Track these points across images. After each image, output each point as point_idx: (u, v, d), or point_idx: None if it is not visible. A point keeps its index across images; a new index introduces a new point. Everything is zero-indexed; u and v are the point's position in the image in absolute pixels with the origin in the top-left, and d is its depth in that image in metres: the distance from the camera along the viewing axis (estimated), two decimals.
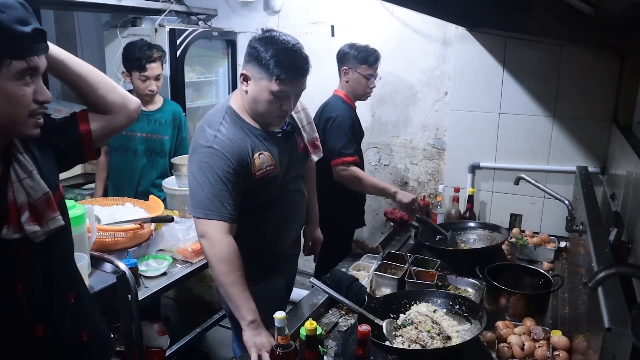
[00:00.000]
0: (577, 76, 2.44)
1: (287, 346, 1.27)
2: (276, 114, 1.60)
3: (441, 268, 1.93)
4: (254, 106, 1.60)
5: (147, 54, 2.55)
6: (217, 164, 1.53)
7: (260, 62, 1.51)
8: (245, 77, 1.58)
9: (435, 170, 3.00)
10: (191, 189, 1.58)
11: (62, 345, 1.18)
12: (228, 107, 1.65)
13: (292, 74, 1.52)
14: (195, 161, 1.57)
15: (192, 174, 1.57)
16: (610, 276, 0.87)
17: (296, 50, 1.54)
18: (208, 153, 1.54)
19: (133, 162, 2.72)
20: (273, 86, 1.52)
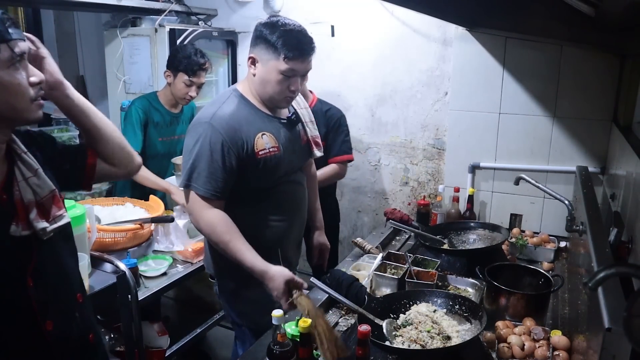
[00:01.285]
0: (577, 76, 2.44)
1: (284, 344, 1.27)
2: (284, 95, 1.66)
3: (441, 268, 1.93)
4: (262, 88, 1.65)
5: (202, 61, 2.59)
6: (210, 138, 1.57)
7: (268, 43, 1.58)
8: (253, 60, 1.64)
9: (435, 170, 3.00)
10: (184, 160, 1.63)
11: (71, 344, 1.19)
12: (234, 89, 1.71)
13: (299, 52, 1.58)
14: (192, 135, 1.62)
15: (186, 147, 1.62)
16: (610, 276, 0.87)
17: (301, 31, 1.62)
18: (204, 127, 1.59)
19: (161, 164, 2.71)
20: (281, 65, 1.58)
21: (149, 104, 2.64)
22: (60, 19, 3.97)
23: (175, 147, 2.77)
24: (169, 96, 2.67)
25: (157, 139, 2.66)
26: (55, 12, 3.94)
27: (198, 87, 2.65)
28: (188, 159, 1.60)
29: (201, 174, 1.57)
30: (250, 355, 1.49)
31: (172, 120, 2.71)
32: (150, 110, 2.63)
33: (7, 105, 1.00)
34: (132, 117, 2.59)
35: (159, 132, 2.67)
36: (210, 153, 1.57)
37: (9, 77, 0.99)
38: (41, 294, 1.10)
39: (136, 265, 1.93)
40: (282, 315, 1.27)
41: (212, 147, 1.57)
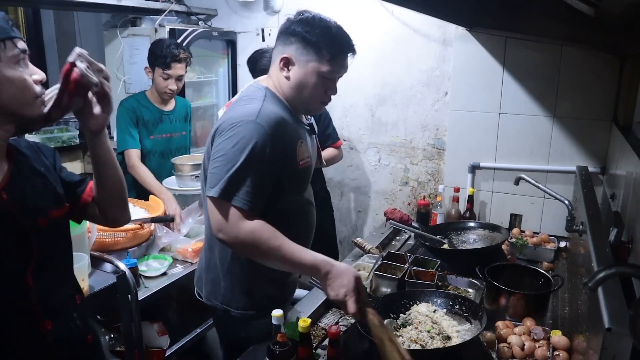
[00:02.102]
0: (577, 76, 2.44)
1: (284, 344, 1.27)
2: (320, 100, 1.48)
3: (441, 268, 1.93)
4: (297, 92, 1.45)
5: (174, 52, 2.57)
6: (258, 141, 1.31)
7: (308, 42, 1.39)
8: (287, 62, 1.42)
9: (435, 170, 3.00)
10: (217, 167, 1.32)
11: (70, 345, 1.19)
12: (265, 88, 1.46)
13: (343, 52, 1.43)
14: (228, 135, 1.33)
15: (221, 150, 1.33)
16: (610, 276, 0.87)
17: (340, 28, 1.47)
18: (249, 128, 1.31)
19: (161, 164, 2.72)
20: (324, 67, 1.40)
21: (136, 102, 2.65)
22: (60, 19, 3.98)
23: (169, 145, 2.76)
24: (156, 93, 2.69)
25: (148, 137, 2.66)
26: (55, 12, 3.94)
27: (177, 80, 2.63)
28: (226, 166, 1.31)
29: (246, 185, 1.30)
30: (250, 355, 1.49)
31: (162, 117, 2.71)
32: (139, 108, 2.64)
33: (13, 100, 1.01)
34: (123, 118, 2.59)
35: (148, 130, 2.67)
36: (257, 160, 1.31)
37: (16, 72, 1.01)
38: (41, 293, 1.11)
39: (136, 265, 1.93)
40: (282, 316, 1.27)
41: (259, 153, 1.31)
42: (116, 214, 1.30)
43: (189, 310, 2.97)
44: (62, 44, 4.01)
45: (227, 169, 1.30)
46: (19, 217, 1.06)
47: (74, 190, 1.24)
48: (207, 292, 1.57)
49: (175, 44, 2.65)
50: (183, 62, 2.62)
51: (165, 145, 2.76)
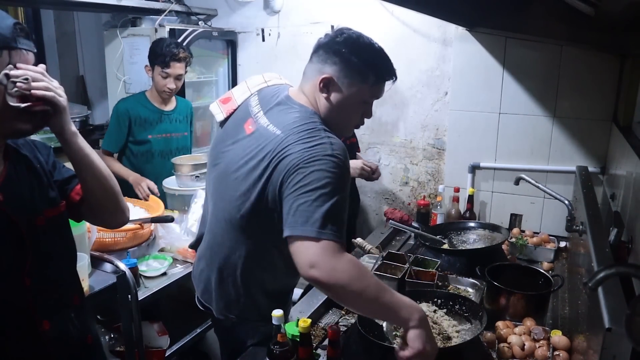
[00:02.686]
0: (577, 76, 2.44)
1: (284, 344, 1.27)
2: (354, 124, 1.45)
3: (441, 268, 1.93)
4: (335, 115, 1.38)
5: (173, 52, 2.58)
6: (340, 175, 1.25)
7: (354, 66, 1.34)
8: (328, 83, 1.35)
9: (435, 170, 3.00)
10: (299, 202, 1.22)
11: (69, 345, 1.19)
12: (314, 113, 1.38)
13: (388, 77, 1.41)
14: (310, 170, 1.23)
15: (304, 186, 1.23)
16: (610, 276, 0.87)
17: (382, 50, 1.42)
18: (331, 161, 1.24)
19: (161, 164, 2.73)
20: (367, 92, 1.37)
21: (135, 102, 2.67)
22: (60, 19, 3.98)
23: (169, 145, 2.77)
24: (155, 93, 2.70)
25: (147, 136, 2.68)
26: (55, 12, 3.94)
27: (176, 79, 2.64)
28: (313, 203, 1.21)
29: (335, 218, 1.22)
30: (250, 355, 1.49)
31: (162, 117, 2.72)
32: (137, 108, 2.65)
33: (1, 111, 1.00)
34: (115, 117, 2.65)
35: (147, 129, 2.68)
36: (342, 193, 1.25)
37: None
38: (38, 293, 1.11)
39: (136, 265, 1.93)
40: (282, 316, 1.27)
41: (342, 184, 1.26)
42: (104, 217, 1.28)
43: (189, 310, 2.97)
44: (62, 44, 4.01)
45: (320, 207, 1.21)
46: (15, 217, 1.06)
47: (64, 188, 1.23)
48: (219, 307, 1.53)
49: (176, 43, 2.66)
50: (182, 61, 2.62)
51: (165, 145, 2.76)
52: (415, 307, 1.23)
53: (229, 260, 1.47)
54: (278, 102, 1.42)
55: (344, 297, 1.24)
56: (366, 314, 1.32)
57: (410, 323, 1.20)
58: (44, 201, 1.14)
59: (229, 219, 1.41)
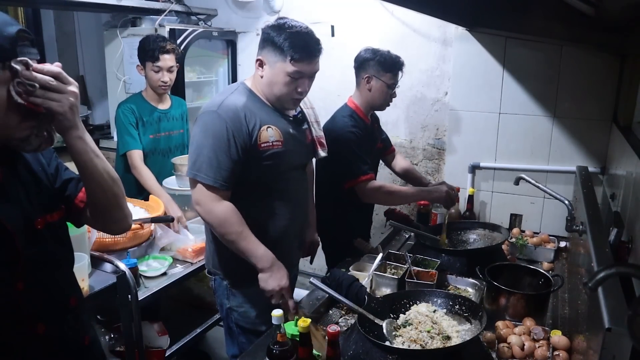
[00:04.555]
0: (577, 76, 2.44)
1: (284, 344, 1.27)
2: (292, 97, 1.67)
3: (441, 268, 1.93)
4: (269, 89, 1.66)
5: (161, 45, 2.60)
6: (217, 128, 1.58)
7: (275, 45, 1.59)
8: (260, 63, 1.65)
9: (435, 170, 3.00)
10: (191, 151, 1.63)
11: (65, 347, 1.19)
12: (242, 83, 1.73)
13: (305, 54, 1.60)
14: (198, 124, 1.63)
15: (194, 137, 1.63)
16: (610, 276, 0.87)
17: (308, 33, 1.63)
18: (211, 116, 1.60)
19: (164, 163, 2.73)
20: (288, 67, 1.59)
21: (135, 103, 2.67)
22: (60, 19, 3.98)
23: (169, 144, 2.78)
24: (151, 91, 2.71)
25: (148, 137, 2.68)
26: (55, 12, 3.94)
27: (169, 72, 2.65)
28: (194, 149, 1.61)
29: (207, 162, 1.57)
30: (250, 355, 1.49)
31: (160, 116, 2.73)
32: (138, 109, 2.66)
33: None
34: (123, 121, 2.61)
35: (148, 129, 2.69)
36: (216, 142, 1.57)
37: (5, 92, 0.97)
38: (32, 297, 1.09)
39: (136, 265, 1.93)
40: (282, 315, 1.27)
41: (218, 136, 1.57)
42: (106, 223, 1.25)
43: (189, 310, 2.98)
44: (62, 44, 4.01)
45: (193, 151, 1.61)
46: (5, 221, 1.04)
47: (67, 193, 1.21)
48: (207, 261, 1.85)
49: (162, 37, 2.68)
50: (171, 52, 2.64)
51: (166, 143, 2.77)
52: (265, 257, 1.62)
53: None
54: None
55: (215, 233, 1.66)
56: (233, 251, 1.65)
57: (257, 267, 1.63)
58: (43, 205, 1.13)
59: None
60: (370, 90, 2.22)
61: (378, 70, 2.19)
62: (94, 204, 1.19)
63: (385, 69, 2.19)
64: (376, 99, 2.24)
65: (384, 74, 2.19)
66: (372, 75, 2.20)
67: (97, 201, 1.18)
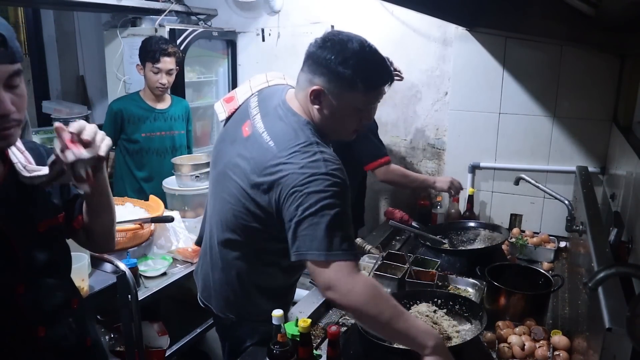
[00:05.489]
0: (577, 76, 2.44)
1: (284, 344, 1.27)
2: (353, 129, 1.40)
3: (441, 268, 1.93)
4: (331, 124, 1.35)
5: (162, 47, 2.62)
6: (338, 190, 1.22)
7: (341, 75, 1.27)
8: (318, 94, 1.30)
9: (435, 170, 3.00)
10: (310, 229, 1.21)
11: (66, 350, 1.18)
12: (307, 122, 1.34)
13: (382, 82, 1.33)
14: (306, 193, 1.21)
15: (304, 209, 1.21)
16: (610, 276, 0.87)
17: (374, 52, 1.32)
18: (326, 182, 1.21)
19: (159, 162, 2.74)
20: (359, 98, 1.30)
21: (128, 101, 2.69)
22: (60, 19, 3.98)
23: (164, 143, 2.79)
24: (149, 91, 2.73)
25: (139, 134, 2.69)
26: (55, 12, 3.94)
27: (167, 74, 2.67)
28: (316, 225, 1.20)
29: (342, 237, 1.21)
30: (251, 355, 1.49)
31: (155, 115, 2.74)
32: (130, 107, 2.68)
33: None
34: (108, 116, 2.69)
35: (139, 127, 2.70)
36: (343, 210, 1.23)
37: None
38: (33, 300, 1.09)
39: (136, 265, 1.93)
40: (282, 315, 1.27)
41: (341, 200, 1.23)
42: (102, 244, 1.32)
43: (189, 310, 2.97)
44: (62, 44, 4.01)
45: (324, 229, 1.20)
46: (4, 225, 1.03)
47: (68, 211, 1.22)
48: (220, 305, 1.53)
49: (165, 39, 2.70)
50: (172, 56, 2.65)
51: (160, 143, 2.78)
52: (431, 333, 1.22)
53: (227, 261, 1.47)
54: (275, 106, 1.39)
55: (359, 318, 1.27)
56: (382, 336, 1.31)
57: (426, 351, 1.19)
58: (48, 208, 1.13)
59: (224, 221, 1.42)
60: None
61: None
62: (90, 230, 1.25)
63: None
64: None
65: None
66: None
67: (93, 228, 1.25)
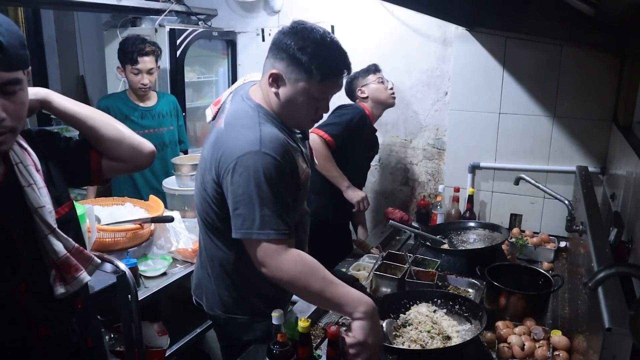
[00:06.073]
0: (577, 76, 2.44)
1: (284, 344, 1.27)
2: (311, 118, 1.43)
3: (441, 268, 1.93)
4: (286, 110, 1.39)
5: (140, 47, 2.61)
6: (267, 170, 1.27)
7: (298, 61, 1.30)
8: (276, 78, 1.35)
9: (435, 170, 3.00)
10: (237, 207, 1.29)
11: (68, 350, 1.17)
12: (257, 105, 1.40)
13: (336, 73, 1.35)
14: (241, 172, 1.28)
15: (238, 188, 1.28)
16: (610, 276, 0.87)
17: (334, 43, 1.35)
18: (257, 158, 1.27)
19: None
20: (313, 87, 1.33)
21: (116, 100, 2.70)
22: (60, 19, 3.97)
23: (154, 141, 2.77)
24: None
25: None
26: (55, 12, 3.94)
27: (148, 74, 2.66)
28: (247, 204, 1.27)
29: (269, 216, 1.27)
30: (250, 355, 1.49)
31: (143, 113, 2.75)
32: (118, 105, 2.68)
33: None
34: None
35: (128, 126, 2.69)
36: (272, 188, 1.27)
37: None
38: (34, 300, 1.08)
39: (136, 265, 1.92)
40: (282, 315, 1.27)
41: (274, 179, 1.27)
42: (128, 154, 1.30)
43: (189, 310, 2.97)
44: (62, 44, 4.01)
45: (251, 208, 1.27)
46: (5, 222, 1.02)
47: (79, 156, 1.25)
48: (209, 302, 1.57)
49: (141, 39, 2.68)
50: (151, 55, 2.64)
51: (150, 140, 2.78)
52: (363, 300, 1.27)
53: (213, 260, 1.51)
54: (239, 97, 1.46)
55: (291, 290, 1.36)
56: (316, 305, 1.40)
57: (354, 315, 1.26)
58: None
59: (200, 212, 1.48)
60: (369, 96, 2.49)
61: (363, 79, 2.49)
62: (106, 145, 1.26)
63: (366, 74, 2.49)
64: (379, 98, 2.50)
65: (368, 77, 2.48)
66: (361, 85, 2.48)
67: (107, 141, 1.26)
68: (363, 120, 2.40)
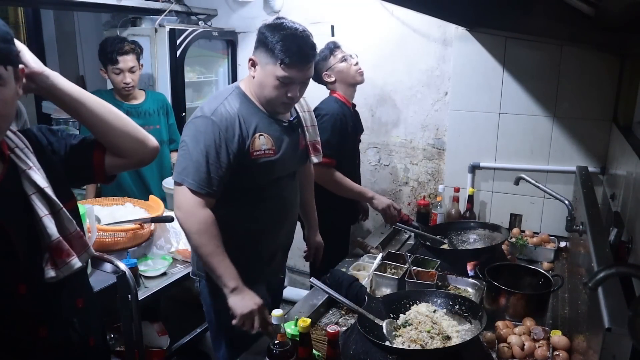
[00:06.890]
0: (577, 76, 2.44)
1: (284, 344, 1.27)
2: (282, 101, 1.63)
3: (441, 268, 1.93)
4: (260, 91, 1.63)
5: (119, 46, 2.60)
6: (210, 134, 1.54)
7: (267, 46, 1.55)
8: (253, 63, 1.62)
9: (435, 170, 3.00)
10: (179, 155, 1.59)
11: (68, 350, 1.17)
12: (237, 87, 1.68)
13: (297, 59, 1.54)
14: (189, 128, 1.59)
15: (184, 141, 1.58)
16: (610, 276, 0.87)
17: (303, 36, 1.57)
18: (204, 122, 1.56)
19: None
20: (278, 71, 1.55)
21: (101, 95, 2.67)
22: (60, 19, 3.97)
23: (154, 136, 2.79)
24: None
25: None
26: (55, 12, 3.93)
27: (130, 72, 2.65)
28: (183, 153, 1.57)
29: (195, 168, 1.53)
30: (250, 355, 1.49)
31: (129, 112, 2.73)
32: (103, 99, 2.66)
33: None
34: None
35: None
36: (207, 148, 1.53)
37: None
38: (34, 301, 1.07)
39: (136, 265, 1.93)
40: (282, 315, 1.28)
41: (210, 143, 1.53)
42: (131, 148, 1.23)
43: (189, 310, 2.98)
44: (62, 44, 4.00)
45: (186, 158, 1.55)
46: (4, 222, 1.01)
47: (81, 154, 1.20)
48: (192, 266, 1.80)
49: (120, 38, 2.68)
50: (130, 53, 2.64)
51: None
52: (235, 278, 1.52)
53: None
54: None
55: (189, 241, 1.60)
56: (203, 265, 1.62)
57: (224, 290, 1.53)
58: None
59: None
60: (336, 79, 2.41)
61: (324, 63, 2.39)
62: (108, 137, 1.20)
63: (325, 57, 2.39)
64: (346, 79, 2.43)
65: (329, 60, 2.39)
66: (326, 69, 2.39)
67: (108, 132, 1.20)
68: (342, 114, 2.31)
